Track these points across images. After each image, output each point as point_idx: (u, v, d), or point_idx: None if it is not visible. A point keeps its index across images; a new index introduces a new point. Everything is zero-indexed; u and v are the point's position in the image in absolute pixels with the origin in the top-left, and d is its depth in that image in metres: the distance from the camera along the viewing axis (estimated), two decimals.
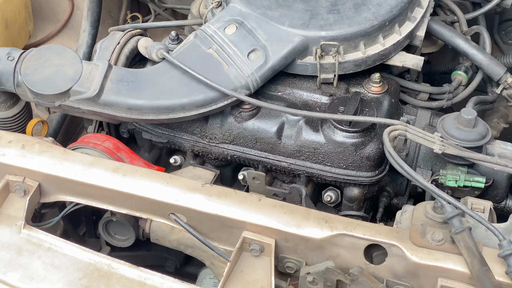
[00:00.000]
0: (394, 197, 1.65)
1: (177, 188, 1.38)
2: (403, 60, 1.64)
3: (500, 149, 1.53)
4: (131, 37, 1.69)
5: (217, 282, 1.61)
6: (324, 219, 1.32)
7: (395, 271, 1.29)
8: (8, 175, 1.43)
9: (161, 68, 1.57)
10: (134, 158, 1.61)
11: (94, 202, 1.44)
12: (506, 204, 1.56)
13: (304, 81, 1.62)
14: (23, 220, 1.40)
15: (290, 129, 1.55)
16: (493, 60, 1.73)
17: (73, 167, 1.42)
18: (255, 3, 1.60)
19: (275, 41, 1.54)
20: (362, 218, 1.56)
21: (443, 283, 1.25)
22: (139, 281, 1.32)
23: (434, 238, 1.26)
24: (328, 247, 1.31)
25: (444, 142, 1.41)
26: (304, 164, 1.55)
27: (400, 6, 1.60)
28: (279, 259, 1.35)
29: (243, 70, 1.51)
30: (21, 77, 1.54)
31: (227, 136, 1.58)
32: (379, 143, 1.51)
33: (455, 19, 1.86)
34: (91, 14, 2.00)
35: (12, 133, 1.50)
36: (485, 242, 1.27)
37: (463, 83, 1.78)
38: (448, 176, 1.44)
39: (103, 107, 1.54)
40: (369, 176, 1.53)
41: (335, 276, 1.28)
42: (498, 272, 1.21)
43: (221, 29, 1.57)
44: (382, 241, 1.28)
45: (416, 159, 1.56)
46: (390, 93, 1.61)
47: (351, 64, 1.57)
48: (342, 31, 1.55)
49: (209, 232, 1.39)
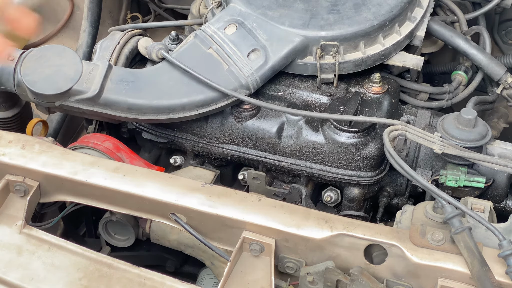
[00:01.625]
0: (394, 197, 1.65)
1: (177, 188, 1.38)
2: (403, 60, 1.64)
3: (500, 149, 1.53)
4: (131, 37, 1.69)
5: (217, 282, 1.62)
6: (324, 219, 1.32)
7: (395, 271, 1.29)
8: (8, 175, 1.43)
9: (161, 68, 1.57)
10: (134, 158, 1.61)
11: (94, 202, 1.44)
12: (506, 204, 1.56)
13: (304, 81, 1.62)
14: (23, 220, 1.40)
15: (290, 129, 1.55)
16: (493, 60, 1.73)
17: (73, 167, 1.42)
18: (255, 3, 1.60)
19: (275, 41, 1.54)
20: (362, 218, 1.56)
21: (443, 283, 1.24)
22: (139, 281, 1.32)
23: (434, 238, 1.26)
24: (328, 247, 1.31)
25: (444, 142, 1.41)
26: (304, 164, 1.56)
27: (400, 6, 1.60)
28: (279, 259, 1.35)
29: (243, 70, 1.51)
30: (21, 77, 1.53)
31: (227, 136, 1.58)
32: (379, 143, 1.51)
33: (455, 19, 1.86)
34: (91, 14, 2.00)
35: (12, 133, 1.50)
36: (485, 242, 1.27)
37: (463, 83, 1.78)
38: (448, 176, 1.44)
39: (103, 107, 1.54)
40: (369, 176, 1.53)
41: (335, 276, 1.28)
42: (498, 272, 1.21)
43: (221, 29, 1.57)
44: (382, 241, 1.28)
45: (416, 159, 1.56)
46: (390, 93, 1.61)
47: (351, 64, 1.57)
48: (342, 31, 1.55)
49: (209, 232, 1.39)
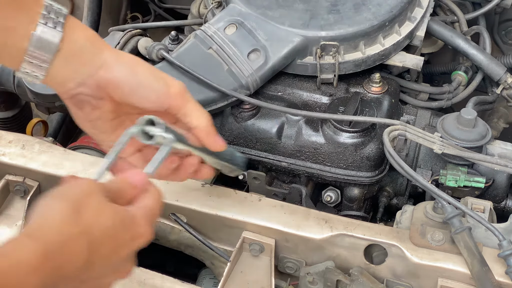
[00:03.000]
0: (394, 197, 1.65)
1: (177, 188, 1.38)
2: (403, 60, 1.64)
3: (500, 149, 1.53)
4: (131, 37, 1.69)
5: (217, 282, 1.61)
6: (324, 219, 1.32)
7: (395, 271, 1.29)
8: (8, 175, 1.43)
9: (161, 68, 1.57)
10: None
11: None
12: (506, 204, 1.56)
13: (304, 81, 1.62)
14: (23, 220, 1.40)
15: (290, 129, 1.55)
16: (493, 60, 1.73)
17: (73, 167, 1.42)
18: (255, 3, 1.60)
19: (275, 41, 1.54)
20: (362, 218, 1.56)
21: (443, 283, 1.25)
22: (139, 281, 1.32)
23: (434, 238, 1.26)
24: (328, 247, 1.31)
25: (444, 142, 1.41)
26: (304, 164, 1.55)
27: (400, 6, 1.60)
28: (279, 259, 1.35)
29: (243, 70, 1.51)
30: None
31: (227, 136, 1.58)
32: (379, 143, 1.51)
33: (455, 19, 1.86)
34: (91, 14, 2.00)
35: (12, 133, 1.50)
36: (485, 242, 1.27)
37: (463, 83, 1.77)
38: (448, 176, 1.44)
39: None
40: (369, 176, 1.53)
41: (335, 276, 1.28)
42: (498, 272, 1.21)
43: (221, 29, 1.57)
44: (382, 241, 1.28)
45: (416, 159, 1.56)
46: (390, 93, 1.61)
47: (351, 64, 1.57)
48: (342, 31, 1.55)
49: (209, 232, 1.39)
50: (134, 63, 1.09)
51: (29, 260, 0.80)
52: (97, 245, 0.89)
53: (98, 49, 1.06)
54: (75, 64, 1.04)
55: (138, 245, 0.99)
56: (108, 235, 0.91)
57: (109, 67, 1.05)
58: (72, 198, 0.89)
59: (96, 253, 0.89)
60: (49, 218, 0.87)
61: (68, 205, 0.88)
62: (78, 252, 0.86)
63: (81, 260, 0.87)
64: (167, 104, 1.09)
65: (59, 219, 0.86)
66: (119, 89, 1.06)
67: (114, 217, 0.92)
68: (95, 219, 0.89)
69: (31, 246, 0.82)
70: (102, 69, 1.05)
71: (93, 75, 1.05)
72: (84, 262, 0.87)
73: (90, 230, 0.88)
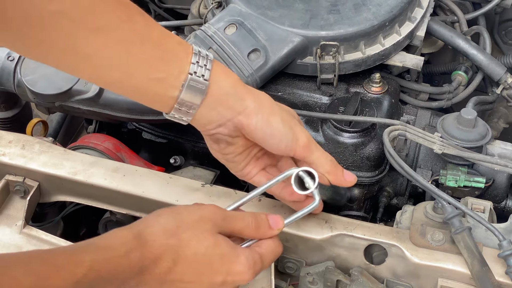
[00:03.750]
0: (394, 197, 1.65)
1: (177, 188, 1.38)
2: (403, 60, 1.64)
3: (500, 149, 1.53)
4: None
5: None
6: (324, 219, 1.32)
7: (395, 271, 1.29)
8: (8, 175, 1.43)
9: None
10: (134, 158, 1.61)
11: (94, 202, 1.44)
12: (506, 204, 1.56)
13: (304, 81, 1.62)
14: (23, 220, 1.40)
15: None
16: (493, 60, 1.73)
17: (73, 167, 1.42)
18: (255, 3, 1.60)
19: (275, 41, 1.54)
20: (362, 218, 1.56)
21: (443, 283, 1.24)
22: None
23: (434, 238, 1.26)
24: (328, 247, 1.31)
25: (444, 142, 1.41)
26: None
27: (400, 6, 1.60)
28: (279, 259, 1.35)
29: (243, 70, 1.51)
30: (21, 77, 1.53)
31: None
32: (379, 143, 1.51)
33: (455, 19, 1.86)
34: None
35: (12, 133, 1.50)
36: (485, 242, 1.27)
37: (463, 83, 1.77)
38: (448, 176, 1.44)
39: (103, 107, 1.54)
40: (369, 176, 1.53)
41: (335, 276, 1.28)
42: (498, 272, 1.21)
43: (221, 29, 1.56)
44: (382, 241, 1.28)
45: (416, 159, 1.56)
46: (390, 93, 1.61)
47: (351, 64, 1.57)
48: (342, 31, 1.55)
49: None
50: (270, 113, 1.15)
51: (127, 242, 1.00)
52: (184, 262, 1.04)
53: (241, 95, 1.13)
54: (219, 109, 1.12)
55: (235, 282, 1.09)
56: (196, 260, 1.05)
57: (248, 115, 1.13)
58: (183, 217, 1.07)
59: (180, 268, 1.04)
60: (155, 224, 1.05)
61: (175, 220, 1.06)
62: (164, 259, 1.02)
63: (165, 267, 1.03)
64: (293, 153, 1.18)
65: (162, 228, 1.05)
66: (253, 134, 1.15)
67: (210, 246, 1.06)
68: (189, 242, 1.05)
69: (130, 237, 1.02)
70: (242, 115, 1.13)
71: (232, 119, 1.13)
72: (167, 269, 1.03)
73: (180, 249, 1.04)
